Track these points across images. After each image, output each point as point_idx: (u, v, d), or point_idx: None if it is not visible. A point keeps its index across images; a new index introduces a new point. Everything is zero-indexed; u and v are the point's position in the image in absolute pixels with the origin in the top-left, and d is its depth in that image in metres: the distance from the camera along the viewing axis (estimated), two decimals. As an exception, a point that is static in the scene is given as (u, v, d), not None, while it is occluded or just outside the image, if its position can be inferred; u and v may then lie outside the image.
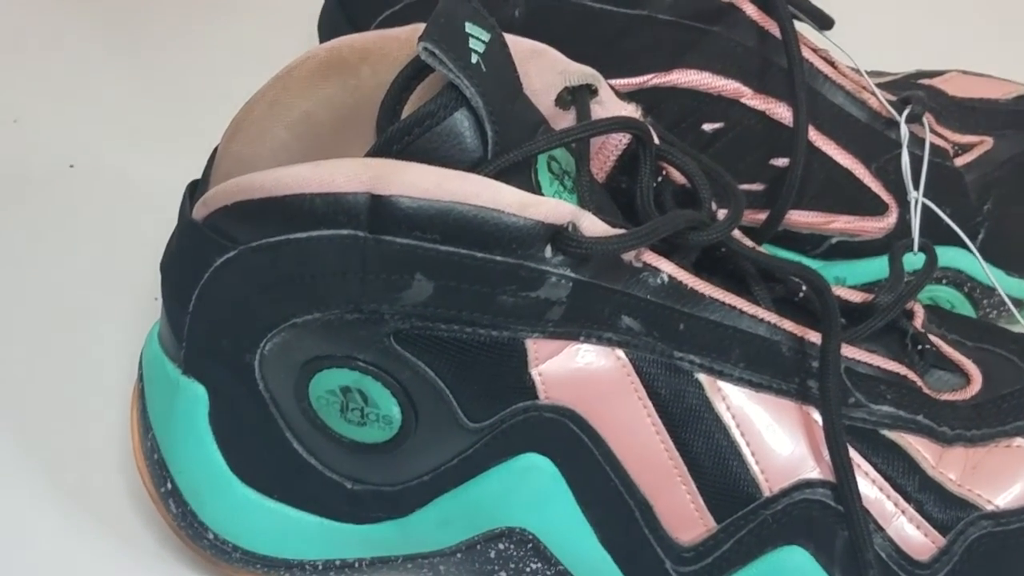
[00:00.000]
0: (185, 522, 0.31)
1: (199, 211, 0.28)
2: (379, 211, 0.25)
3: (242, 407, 0.29)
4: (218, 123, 0.31)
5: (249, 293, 0.27)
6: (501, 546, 0.29)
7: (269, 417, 0.29)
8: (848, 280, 0.36)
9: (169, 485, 0.31)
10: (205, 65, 0.48)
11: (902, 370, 0.30)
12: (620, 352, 0.27)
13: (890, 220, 0.36)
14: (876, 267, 0.36)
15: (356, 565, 0.31)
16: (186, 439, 0.30)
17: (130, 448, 0.32)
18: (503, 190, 0.25)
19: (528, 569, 0.29)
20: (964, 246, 0.36)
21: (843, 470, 0.27)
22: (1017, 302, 0.37)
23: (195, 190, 0.30)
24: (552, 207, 0.26)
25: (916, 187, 0.35)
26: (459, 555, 0.30)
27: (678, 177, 0.30)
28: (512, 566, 0.29)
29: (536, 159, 0.27)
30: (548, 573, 0.29)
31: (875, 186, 0.36)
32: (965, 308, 0.37)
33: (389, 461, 0.29)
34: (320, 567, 0.31)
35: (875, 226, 0.37)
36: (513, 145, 0.26)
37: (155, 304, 0.31)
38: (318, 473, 0.29)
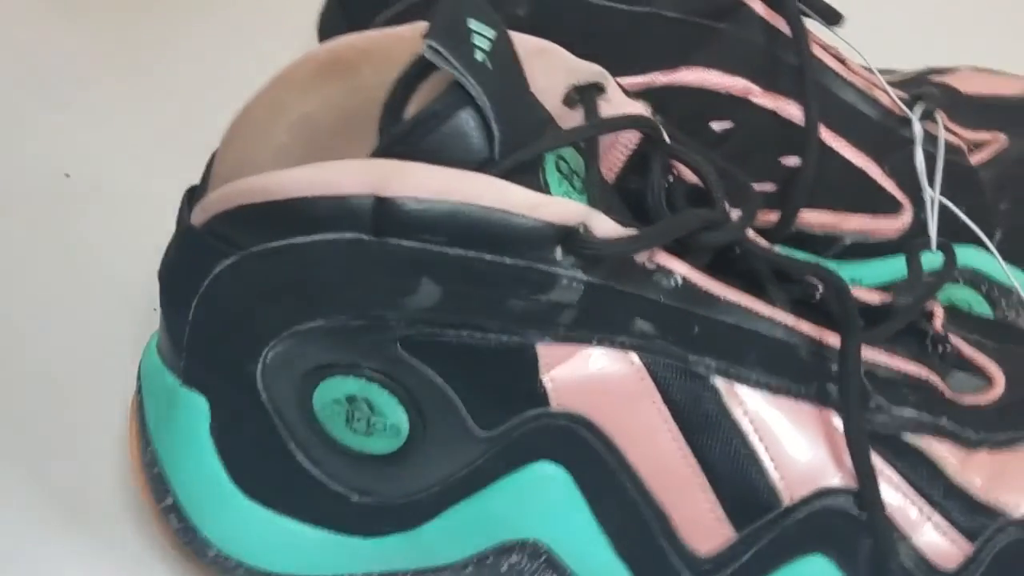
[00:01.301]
0: (187, 538, 0.30)
1: (198, 216, 0.27)
2: (384, 214, 0.24)
3: (244, 418, 0.28)
4: (216, 127, 0.30)
5: (250, 300, 0.26)
6: (514, 559, 0.28)
7: (272, 428, 0.28)
8: (864, 281, 0.35)
9: (170, 500, 0.30)
10: (202, 68, 0.48)
11: (923, 372, 0.29)
12: (634, 356, 0.27)
13: (905, 219, 0.36)
14: (892, 267, 0.35)
15: (363, 580, 0.30)
16: (187, 452, 0.29)
17: (129, 462, 0.31)
18: (512, 190, 0.25)
19: (542, 582, 0.28)
20: (980, 245, 0.35)
21: (866, 476, 0.27)
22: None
23: (193, 195, 0.29)
24: (562, 207, 0.25)
25: (931, 185, 0.35)
26: (470, 568, 0.29)
27: (689, 176, 0.30)
28: (525, 579, 0.28)
29: (544, 159, 0.27)
30: (562, 586, 0.28)
31: (888, 185, 0.36)
32: (983, 308, 0.36)
33: (397, 472, 0.28)
34: (326, 583, 0.30)
35: (889, 226, 0.36)
36: (520, 145, 0.26)
37: (154, 314, 0.30)
38: (323, 486, 0.28)
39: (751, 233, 0.28)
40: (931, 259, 0.33)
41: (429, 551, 0.29)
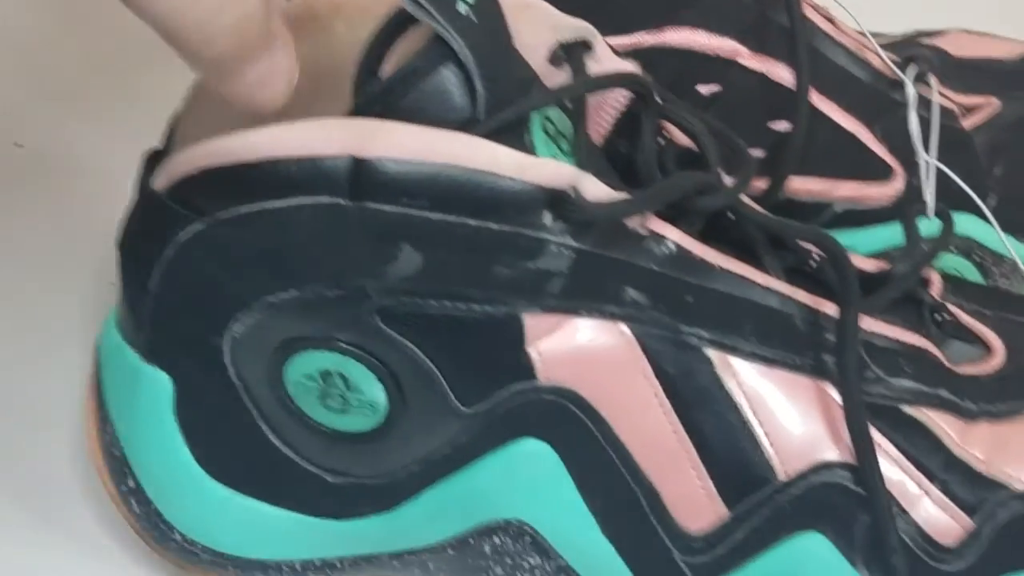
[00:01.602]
0: (149, 523, 0.28)
1: (160, 181, 0.25)
2: (362, 176, 0.23)
3: (211, 396, 0.26)
4: (177, 86, 0.28)
5: (217, 270, 0.25)
6: (497, 540, 0.27)
7: (240, 406, 0.26)
8: (856, 250, 0.34)
9: (131, 483, 0.28)
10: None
11: (921, 342, 0.28)
12: (624, 327, 0.25)
13: (896, 186, 0.35)
14: (883, 235, 0.34)
15: (338, 564, 0.28)
16: (149, 433, 0.27)
17: (86, 444, 0.29)
18: (499, 151, 0.23)
19: (526, 564, 0.27)
20: (973, 211, 0.34)
21: (864, 450, 0.26)
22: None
23: (154, 159, 0.27)
24: (552, 169, 0.23)
25: (927, 150, 0.33)
26: (451, 551, 0.27)
27: (680, 139, 0.28)
28: (508, 561, 0.27)
29: (530, 120, 0.25)
30: (547, 568, 0.27)
31: (879, 150, 0.35)
32: (974, 277, 0.35)
33: (374, 451, 0.26)
34: (298, 567, 0.28)
35: (881, 192, 0.35)
36: (505, 104, 0.24)
37: (112, 288, 0.28)
38: (295, 466, 0.27)
39: (744, 198, 0.27)
40: (927, 225, 0.32)
41: (408, 533, 0.27)
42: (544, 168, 0.23)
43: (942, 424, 0.27)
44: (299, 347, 0.25)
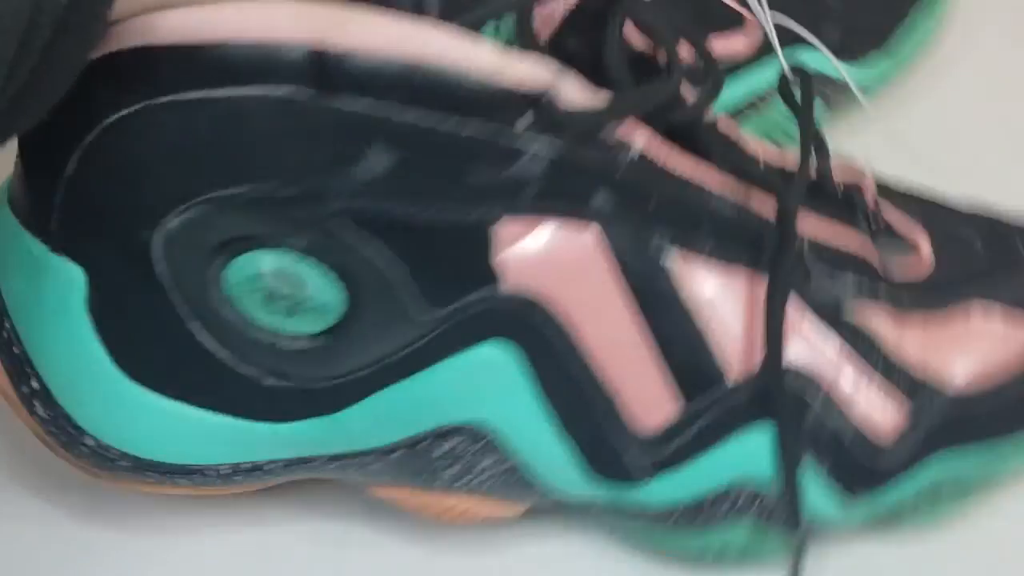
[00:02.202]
0: (56, 427, 0.26)
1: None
2: (328, 67, 0.21)
3: (132, 293, 0.24)
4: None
5: (154, 159, 0.22)
6: (449, 444, 0.26)
7: (167, 304, 0.24)
8: (722, 102, 0.32)
9: (35, 384, 0.25)
10: None
11: (862, 250, 0.28)
12: (591, 231, 0.24)
13: (753, 37, 0.33)
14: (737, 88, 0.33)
15: (268, 468, 0.27)
16: (57, 329, 0.25)
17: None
18: (478, 47, 0.21)
19: (479, 466, 0.26)
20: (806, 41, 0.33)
21: (774, 338, 0.26)
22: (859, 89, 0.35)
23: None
24: (531, 70, 0.22)
25: None
26: (399, 453, 0.26)
27: (635, 43, 0.26)
28: (463, 462, 0.26)
29: (486, 28, 0.23)
30: (499, 469, 0.26)
31: None
32: (820, 109, 0.35)
33: (321, 355, 0.24)
34: (226, 472, 0.27)
35: (735, 46, 0.33)
36: (460, 9, 0.22)
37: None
38: (228, 369, 0.25)
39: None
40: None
41: (352, 436, 0.26)
42: (524, 68, 0.21)
43: (878, 327, 0.28)
44: (246, 246, 0.23)
